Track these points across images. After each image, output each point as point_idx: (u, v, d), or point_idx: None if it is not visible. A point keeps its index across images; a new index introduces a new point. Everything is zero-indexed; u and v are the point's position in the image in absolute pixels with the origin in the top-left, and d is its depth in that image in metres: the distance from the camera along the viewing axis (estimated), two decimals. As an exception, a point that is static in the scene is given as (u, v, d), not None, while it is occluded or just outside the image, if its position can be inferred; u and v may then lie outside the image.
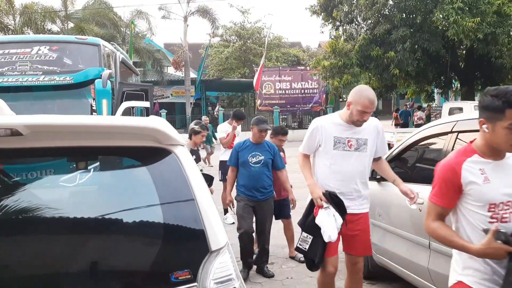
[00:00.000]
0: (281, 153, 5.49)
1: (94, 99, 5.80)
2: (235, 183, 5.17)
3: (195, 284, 1.69)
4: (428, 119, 20.16)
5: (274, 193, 5.23)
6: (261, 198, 4.94)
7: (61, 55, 6.40)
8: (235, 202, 5.15)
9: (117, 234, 1.82)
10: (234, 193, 5.22)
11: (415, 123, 20.94)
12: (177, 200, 1.85)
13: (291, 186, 5.32)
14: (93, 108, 5.82)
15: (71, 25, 25.80)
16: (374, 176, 4.35)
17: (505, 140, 2.02)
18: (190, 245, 1.80)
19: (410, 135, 4.34)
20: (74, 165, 2.03)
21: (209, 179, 4.29)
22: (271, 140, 5.52)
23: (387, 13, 16.87)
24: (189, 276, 1.68)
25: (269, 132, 5.77)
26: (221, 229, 1.82)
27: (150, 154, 1.92)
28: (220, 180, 7.20)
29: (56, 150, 1.85)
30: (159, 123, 1.88)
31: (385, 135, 3.84)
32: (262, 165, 4.92)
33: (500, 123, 2.00)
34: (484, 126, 2.08)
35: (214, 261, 1.72)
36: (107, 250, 1.78)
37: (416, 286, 3.87)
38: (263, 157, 4.93)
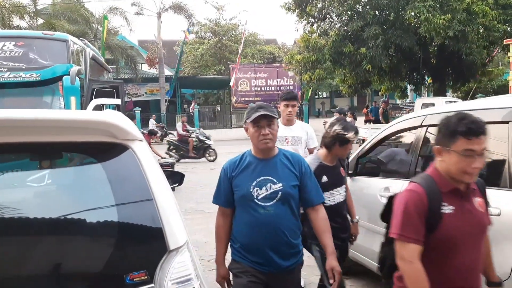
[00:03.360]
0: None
1: (62, 97, 5.64)
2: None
3: (152, 285, 1.61)
4: (386, 117, 20.15)
5: None
6: (281, 265, 2.61)
7: (28, 51, 6.21)
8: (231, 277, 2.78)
9: (68, 235, 1.73)
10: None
11: None
12: (133, 198, 1.77)
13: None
14: (61, 106, 5.66)
15: (40, 21, 25.15)
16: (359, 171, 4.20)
17: None
18: (147, 244, 1.73)
19: (381, 130, 4.35)
20: (30, 163, 1.92)
21: (179, 177, 4.15)
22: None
23: (360, 10, 16.99)
24: (146, 277, 1.61)
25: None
26: (180, 228, 1.75)
27: (105, 150, 1.83)
28: None
29: None
30: (115, 116, 1.80)
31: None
32: (280, 201, 2.58)
33: None
34: None
35: (173, 260, 1.65)
36: (57, 252, 1.69)
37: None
38: (280, 184, 2.59)
